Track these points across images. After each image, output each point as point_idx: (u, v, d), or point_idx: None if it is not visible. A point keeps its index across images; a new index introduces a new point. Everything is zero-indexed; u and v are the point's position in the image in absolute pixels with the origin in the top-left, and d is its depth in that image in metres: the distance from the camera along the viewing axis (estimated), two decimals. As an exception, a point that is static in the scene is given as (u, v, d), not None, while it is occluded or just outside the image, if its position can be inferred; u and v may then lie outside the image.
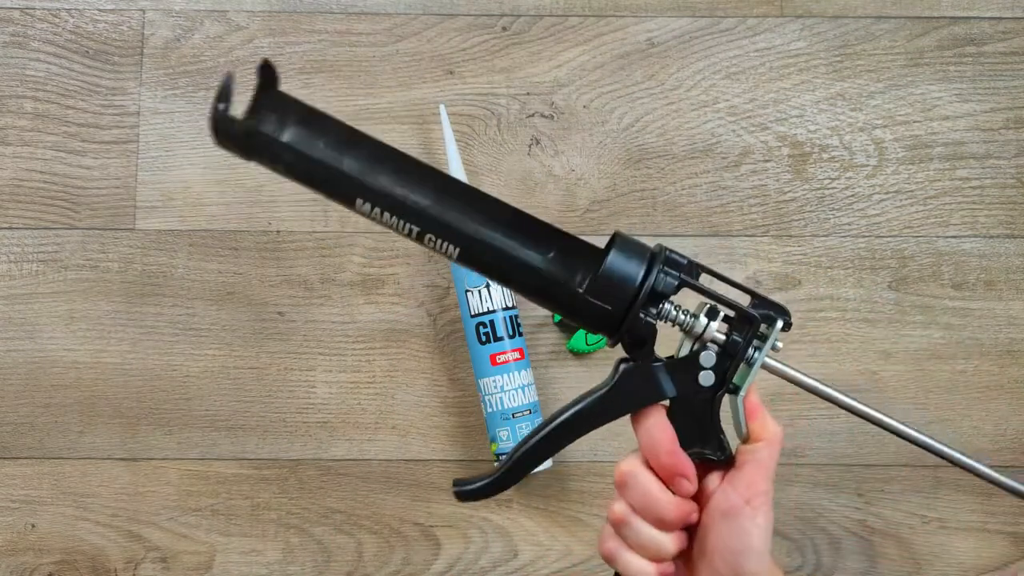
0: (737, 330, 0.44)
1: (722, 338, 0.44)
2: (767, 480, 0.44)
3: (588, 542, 0.76)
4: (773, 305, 0.44)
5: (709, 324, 0.44)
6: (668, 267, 0.42)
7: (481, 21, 0.80)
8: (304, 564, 0.76)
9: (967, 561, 0.76)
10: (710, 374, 0.44)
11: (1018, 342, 0.78)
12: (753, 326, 0.44)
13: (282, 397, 0.77)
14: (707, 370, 0.44)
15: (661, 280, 0.42)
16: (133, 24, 0.80)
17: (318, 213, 0.78)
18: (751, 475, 0.44)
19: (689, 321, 0.44)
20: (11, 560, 0.76)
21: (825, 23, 0.80)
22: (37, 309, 0.77)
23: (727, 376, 0.44)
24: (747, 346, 0.44)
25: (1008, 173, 0.79)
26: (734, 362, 0.44)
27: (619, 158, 0.79)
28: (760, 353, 0.44)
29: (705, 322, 0.44)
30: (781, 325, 0.43)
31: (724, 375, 0.44)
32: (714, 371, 0.44)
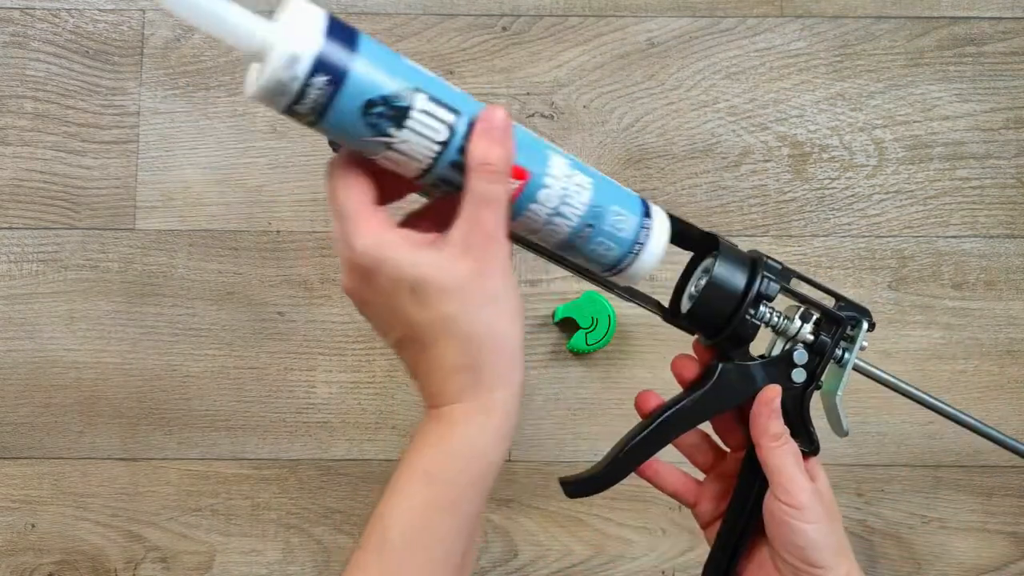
0: (824, 330, 0.47)
1: (811, 338, 0.47)
2: (806, 492, 0.46)
3: (588, 542, 0.76)
4: (856, 307, 0.47)
5: (802, 326, 0.47)
6: (767, 272, 0.45)
7: (481, 21, 0.80)
8: (304, 564, 0.76)
9: (967, 561, 0.76)
10: (802, 371, 0.47)
11: (1018, 342, 0.78)
12: (841, 327, 0.47)
13: (282, 397, 0.77)
14: (799, 368, 0.47)
15: (766, 285, 0.45)
16: (133, 24, 0.80)
17: (318, 213, 0.78)
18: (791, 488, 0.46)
19: (783, 323, 0.47)
20: (11, 560, 0.76)
21: (825, 23, 0.80)
22: (37, 309, 0.77)
23: (817, 373, 0.47)
24: (835, 346, 0.47)
25: (1008, 173, 0.79)
26: (823, 360, 0.47)
27: (619, 158, 0.79)
28: (851, 354, 0.47)
29: (799, 324, 0.47)
30: (867, 326, 0.47)
31: (814, 373, 0.47)
32: (805, 369, 0.47)
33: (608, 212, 0.41)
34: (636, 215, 0.43)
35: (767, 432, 0.46)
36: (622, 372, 0.77)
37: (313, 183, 0.78)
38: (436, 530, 0.38)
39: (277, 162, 0.79)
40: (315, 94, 0.34)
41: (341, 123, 0.35)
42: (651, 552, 0.76)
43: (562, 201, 0.40)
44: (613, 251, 0.43)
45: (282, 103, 0.34)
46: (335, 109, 0.34)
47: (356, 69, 0.34)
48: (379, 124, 0.35)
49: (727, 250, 0.46)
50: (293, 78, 0.33)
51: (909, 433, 0.77)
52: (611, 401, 0.77)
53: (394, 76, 0.35)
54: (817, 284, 0.48)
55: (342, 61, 0.34)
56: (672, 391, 0.49)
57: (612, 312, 0.75)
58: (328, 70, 0.33)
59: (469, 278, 0.37)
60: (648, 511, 0.76)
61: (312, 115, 0.35)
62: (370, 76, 0.35)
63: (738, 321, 0.45)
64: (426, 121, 0.36)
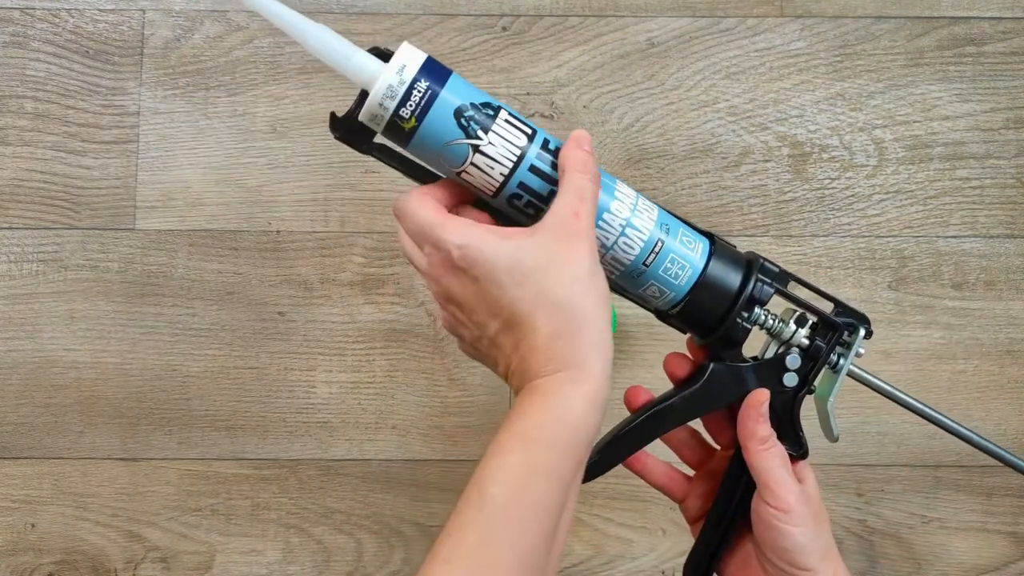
0: (820, 336, 0.47)
1: (806, 343, 0.46)
2: (797, 497, 0.45)
3: (588, 542, 0.76)
4: (854, 313, 0.47)
5: (797, 330, 0.46)
6: (762, 275, 0.45)
7: (481, 21, 0.80)
8: (304, 564, 0.76)
9: (967, 561, 0.76)
10: (794, 376, 0.47)
11: (1018, 342, 0.78)
12: (837, 333, 0.46)
13: (282, 397, 0.77)
14: (791, 372, 0.46)
15: (760, 288, 0.45)
16: (133, 24, 0.80)
17: (318, 213, 0.78)
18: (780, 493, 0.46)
19: (778, 326, 0.46)
20: (11, 560, 0.76)
21: (825, 23, 0.80)
22: (37, 309, 0.77)
23: (809, 378, 0.47)
24: (830, 351, 0.46)
25: (1008, 173, 0.79)
26: (817, 365, 0.46)
27: (619, 158, 0.79)
28: (846, 360, 0.47)
29: (794, 328, 0.46)
30: (864, 333, 0.46)
31: (806, 378, 0.47)
32: (797, 373, 0.46)
33: (676, 230, 0.44)
34: (703, 241, 0.45)
35: (754, 435, 0.46)
36: (622, 372, 0.77)
37: (313, 183, 0.78)
38: (533, 491, 0.38)
39: (277, 162, 0.79)
40: (417, 96, 0.40)
41: (437, 127, 0.40)
42: (651, 552, 0.76)
43: (633, 213, 0.43)
44: (686, 272, 0.44)
45: (391, 106, 0.40)
46: (434, 111, 0.40)
47: (450, 83, 0.41)
48: (470, 126, 0.41)
49: (723, 250, 0.45)
50: (401, 82, 0.40)
51: (909, 433, 0.77)
52: (611, 401, 0.77)
53: (480, 95, 0.42)
54: (816, 289, 0.48)
55: (439, 75, 0.41)
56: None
57: (612, 312, 0.75)
58: (429, 76, 0.40)
59: (560, 257, 0.40)
60: (648, 511, 0.76)
61: (414, 119, 0.40)
62: (461, 89, 0.41)
63: (729, 323, 0.45)
64: (508, 129, 0.41)
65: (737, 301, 0.44)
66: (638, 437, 0.47)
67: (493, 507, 0.38)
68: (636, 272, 0.44)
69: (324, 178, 0.78)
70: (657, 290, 0.45)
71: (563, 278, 0.40)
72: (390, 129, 0.41)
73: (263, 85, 0.79)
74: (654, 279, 0.44)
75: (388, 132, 0.41)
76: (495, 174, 0.42)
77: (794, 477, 0.46)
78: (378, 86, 0.40)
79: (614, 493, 0.76)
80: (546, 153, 0.42)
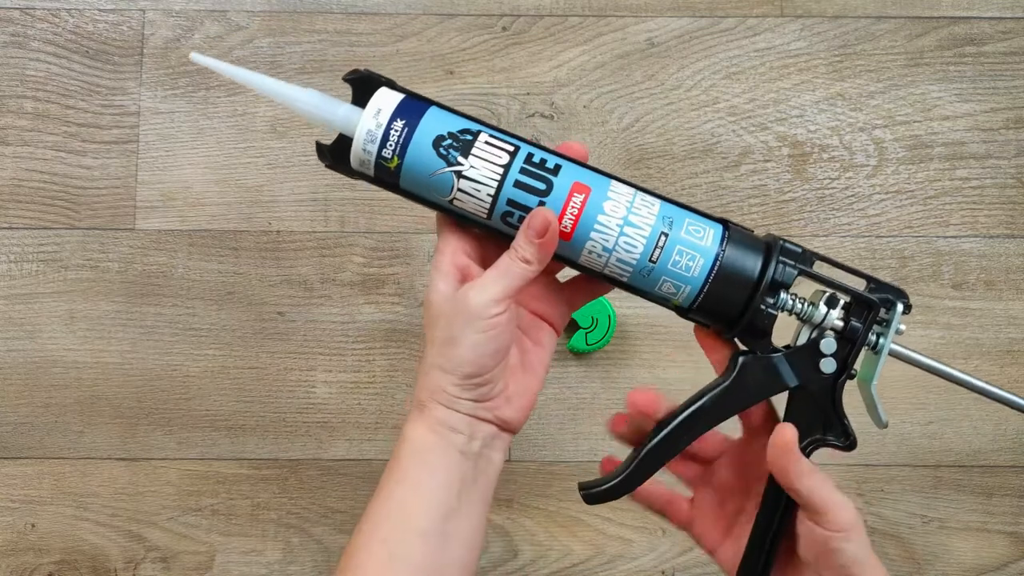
0: (855, 315, 0.43)
1: (841, 324, 0.43)
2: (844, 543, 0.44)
3: (588, 542, 0.76)
4: (891, 288, 0.44)
5: (829, 312, 0.43)
6: (784, 256, 0.42)
7: (481, 21, 0.80)
8: (304, 564, 0.76)
9: (967, 561, 0.76)
10: (831, 361, 0.44)
11: (1018, 342, 0.78)
12: (873, 311, 0.43)
13: (282, 397, 0.77)
14: (828, 357, 0.44)
15: (781, 271, 0.42)
16: (133, 24, 0.80)
17: (318, 213, 0.78)
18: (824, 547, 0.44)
19: (808, 310, 0.43)
20: (11, 560, 0.76)
21: (825, 23, 0.80)
22: (37, 309, 0.77)
23: (848, 362, 0.44)
24: (867, 331, 0.44)
25: (1008, 173, 0.79)
26: (855, 348, 0.43)
27: (619, 158, 0.79)
28: (886, 340, 0.43)
29: (825, 310, 0.43)
30: (901, 309, 0.43)
31: (845, 361, 0.44)
32: (835, 358, 0.44)
33: (681, 221, 0.42)
34: (715, 228, 0.43)
35: (789, 472, 0.43)
36: (622, 372, 0.77)
37: (313, 183, 0.78)
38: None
39: (277, 162, 0.79)
40: (395, 136, 0.42)
41: (419, 161, 0.42)
42: (651, 552, 0.76)
43: (630, 211, 0.42)
44: (697, 263, 0.42)
45: (373, 150, 0.42)
46: (412, 146, 0.42)
47: (427, 116, 0.43)
48: (449, 154, 0.42)
49: (738, 235, 0.43)
50: (378, 125, 0.42)
51: (909, 433, 0.77)
52: (611, 401, 0.77)
53: (458, 121, 0.43)
54: (845, 267, 0.45)
55: (415, 111, 0.43)
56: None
57: (612, 312, 0.75)
58: (405, 114, 0.42)
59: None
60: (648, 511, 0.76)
61: (396, 157, 0.42)
62: (438, 120, 0.43)
63: (753, 311, 0.42)
64: (488, 150, 0.42)
65: (759, 286, 0.42)
66: (671, 446, 0.44)
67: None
68: (645, 270, 0.43)
69: (324, 178, 0.78)
70: (672, 286, 0.43)
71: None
72: (379, 171, 0.43)
73: (263, 85, 0.79)
74: (665, 274, 0.42)
75: (378, 174, 0.43)
76: (482, 195, 0.42)
77: (840, 491, 0.44)
78: (358, 133, 0.42)
79: (614, 493, 0.76)
80: (530, 167, 0.42)
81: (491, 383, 0.44)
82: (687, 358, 0.77)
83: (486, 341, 0.43)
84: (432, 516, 0.44)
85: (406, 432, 0.45)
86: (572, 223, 0.42)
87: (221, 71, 0.44)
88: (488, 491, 0.46)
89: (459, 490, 0.44)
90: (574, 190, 0.42)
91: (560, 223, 0.42)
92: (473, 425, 0.45)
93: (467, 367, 0.43)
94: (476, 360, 0.43)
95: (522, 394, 0.46)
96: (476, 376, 0.44)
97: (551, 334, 0.48)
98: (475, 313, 0.42)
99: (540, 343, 0.48)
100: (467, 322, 0.42)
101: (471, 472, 0.45)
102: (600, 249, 0.42)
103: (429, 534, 0.44)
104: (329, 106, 0.44)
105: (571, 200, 0.42)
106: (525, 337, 0.48)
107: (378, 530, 0.45)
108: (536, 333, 0.48)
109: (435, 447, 0.44)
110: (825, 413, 0.45)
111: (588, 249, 0.43)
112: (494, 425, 0.45)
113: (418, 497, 0.44)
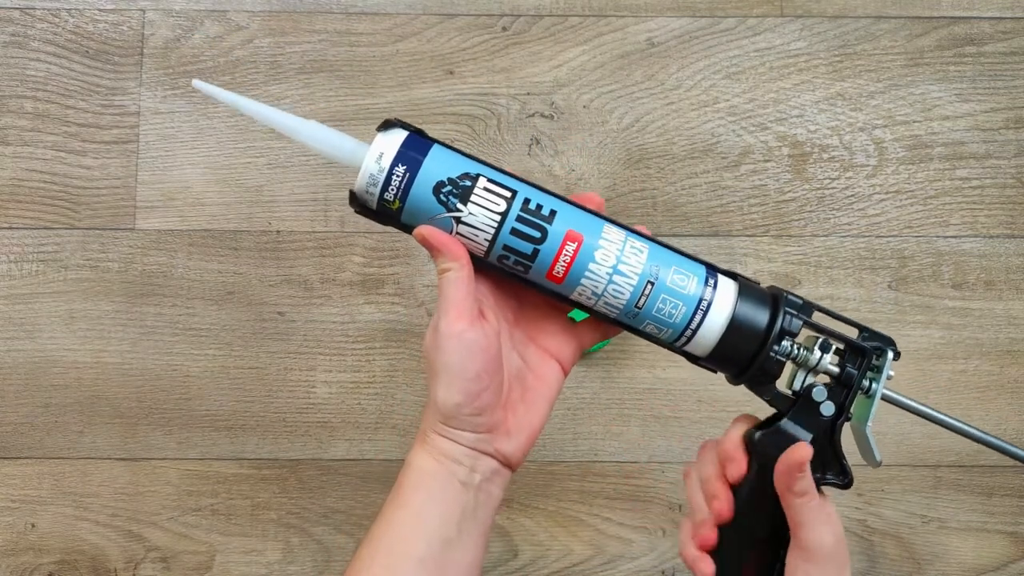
0: (850, 362, 0.47)
1: (836, 370, 0.47)
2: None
3: (588, 542, 0.76)
4: (880, 336, 0.47)
5: (823, 357, 0.46)
6: (788, 308, 0.46)
7: (481, 21, 0.80)
8: (304, 564, 0.76)
9: (967, 561, 0.76)
10: (829, 405, 0.47)
11: (1018, 342, 0.78)
12: (867, 357, 0.47)
13: (282, 397, 0.77)
14: (825, 402, 0.47)
15: (789, 321, 0.45)
16: (133, 24, 0.80)
17: (318, 213, 0.78)
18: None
19: (803, 355, 0.46)
20: (11, 560, 0.76)
21: (825, 23, 0.80)
22: (37, 309, 0.77)
23: (846, 405, 0.47)
24: (862, 377, 0.47)
25: (1008, 173, 0.79)
26: (852, 392, 0.47)
27: (619, 158, 0.79)
28: (879, 384, 0.47)
29: (819, 355, 0.46)
30: (892, 356, 0.47)
31: (842, 405, 0.47)
32: (832, 401, 0.47)
33: (667, 270, 0.45)
34: (698, 274, 0.45)
35: (792, 489, 0.45)
36: (622, 372, 0.77)
37: (313, 183, 0.78)
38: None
39: (277, 162, 0.79)
40: (397, 180, 0.43)
41: (419, 205, 0.44)
42: (651, 552, 0.76)
43: (619, 260, 0.44)
44: (679, 310, 0.45)
45: (375, 192, 0.44)
46: (414, 192, 0.43)
47: (428, 160, 0.44)
48: (449, 201, 0.43)
49: (747, 288, 0.46)
50: (380, 170, 0.43)
51: (909, 433, 0.77)
52: (611, 401, 0.77)
53: (459, 166, 0.44)
54: (839, 316, 0.48)
55: (416, 156, 0.44)
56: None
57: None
58: (407, 159, 0.43)
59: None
60: (648, 511, 0.76)
61: (398, 201, 0.44)
62: (439, 164, 0.44)
63: (763, 358, 0.45)
64: (487, 197, 0.44)
65: (769, 336, 0.45)
66: (743, 541, 0.47)
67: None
68: (631, 314, 0.45)
69: (324, 178, 0.78)
70: (655, 327, 0.46)
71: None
72: (380, 211, 0.44)
73: (263, 85, 0.79)
74: (649, 318, 0.45)
75: (379, 213, 0.45)
76: (480, 240, 0.44)
77: (831, 525, 0.45)
78: (360, 175, 0.44)
79: (614, 493, 0.76)
80: (526, 214, 0.44)
81: (484, 413, 0.45)
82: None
83: (460, 361, 0.44)
84: (431, 544, 0.44)
85: (410, 459, 0.46)
86: (564, 270, 0.44)
87: (224, 100, 0.44)
88: (487, 525, 0.47)
89: (459, 520, 0.45)
90: (567, 239, 0.44)
91: (553, 270, 0.44)
92: (475, 458, 0.45)
93: (455, 395, 0.44)
94: (461, 386, 0.44)
95: (523, 430, 0.47)
96: (466, 404, 0.44)
97: (557, 372, 0.48)
98: (443, 336, 0.44)
99: (544, 380, 0.48)
100: (441, 348, 0.44)
101: (471, 503, 0.46)
102: (589, 293, 0.45)
103: (427, 562, 0.44)
104: (333, 140, 0.44)
105: (564, 248, 0.44)
106: (529, 372, 0.48)
107: (377, 555, 0.45)
108: (541, 369, 0.48)
109: (437, 475, 0.45)
110: (824, 453, 0.47)
111: (578, 292, 0.45)
112: (496, 460, 0.46)
113: (418, 524, 0.45)
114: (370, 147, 0.44)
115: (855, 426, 0.49)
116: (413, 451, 0.46)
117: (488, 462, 0.46)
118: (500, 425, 0.46)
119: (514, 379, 0.47)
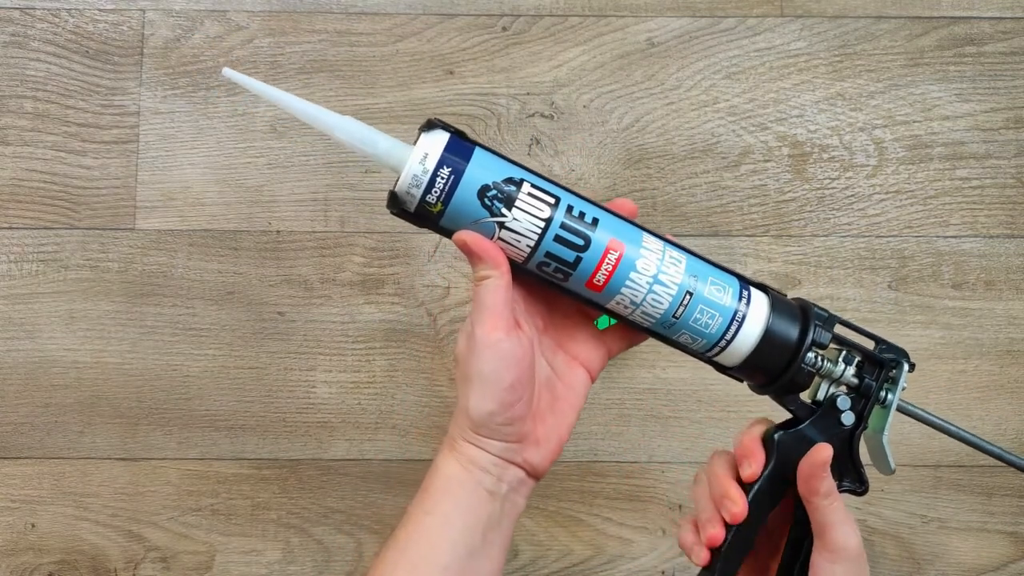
0: (867, 372, 0.48)
1: (856, 381, 0.48)
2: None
3: (588, 542, 0.76)
4: (895, 348, 0.49)
5: (846, 368, 0.48)
6: (816, 320, 0.47)
7: (481, 21, 0.80)
8: (304, 564, 0.76)
9: (967, 561, 0.76)
10: (850, 414, 0.48)
11: (1018, 342, 0.78)
12: (885, 369, 0.48)
13: (282, 397, 0.77)
14: (847, 411, 0.48)
15: (819, 333, 0.46)
16: (133, 24, 0.80)
17: (318, 213, 0.78)
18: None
19: (827, 367, 0.47)
20: (11, 560, 0.76)
21: (825, 23, 0.80)
22: (37, 309, 0.77)
23: (864, 415, 0.48)
24: (880, 387, 0.48)
25: (1008, 173, 0.79)
26: (870, 402, 0.48)
27: (619, 158, 0.79)
28: (894, 396, 0.48)
29: (843, 366, 0.48)
30: (907, 368, 0.48)
31: (861, 414, 0.48)
32: (852, 411, 0.48)
33: (704, 281, 0.45)
34: (733, 286, 0.46)
35: (818, 491, 0.46)
36: (622, 372, 0.77)
37: (313, 183, 0.78)
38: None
39: (277, 162, 0.79)
40: (441, 183, 0.42)
41: (463, 209, 0.43)
42: (651, 552, 0.76)
43: (659, 270, 0.44)
44: (716, 321, 0.45)
45: (417, 193, 0.42)
46: (458, 195, 0.42)
47: (472, 163, 0.43)
48: (494, 205, 0.43)
49: (778, 302, 0.47)
50: (424, 171, 0.42)
51: (909, 433, 0.77)
52: (611, 401, 0.77)
53: (503, 170, 0.43)
54: (857, 328, 0.49)
55: (460, 158, 0.42)
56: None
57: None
58: (451, 161, 0.42)
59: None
60: (648, 511, 0.76)
61: (440, 204, 0.42)
62: (483, 168, 0.43)
63: (794, 369, 0.46)
64: (532, 202, 0.43)
65: (801, 348, 0.46)
66: (744, 539, 0.48)
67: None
68: (667, 323, 0.45)
69: (324, 178, 0.78)
70: (689, 338, 0.46)
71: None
72: (419, 214, 0.43)
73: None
74: (685, 328, 0.45)
75: (419, 215, 0.43)
76: (522, 246, 0.43)
77: (852, 524, 0.46)
78: (403, 176, 0.42)
79: (614, 493, 0.76)
80: (571, 221, 0.43)
81: (515, 423, 0.45)
82: (687, 358, 0.77)
83: (496, 371, 0.43)
84: (456, 552, 0.44)
85: (438, 463, 0.46)
86: (605, 278, 0.44)
87: (256, 91, 0.42)
88: (509, 535, 0.47)
89: (484, 530, 0.45)
90: (609, 247, 0.44)
91: (593, 278, 0.44)
92: (502, 467, 0.45)
93: (489, 403, 0.44)
94: (495, 395, 0.44)
95: (551, 439, 0.47)
96: (499, 413, 0.44)
97: (585, 380, 0.48)
98: (479, 344, 0.43)
99: (573, 388, 0.48)
100: (477, 356, 0.43)
101: (497, 513, 0.45)
102: (628, 302, 0.45)
103: (451, 569, 0.44)
104: (369, 136, 0.43)
105: (606, 257, 0.44)
106: (558, 381, 0.48)
107: (402, 560, 0.45)
108: (570, 377, 0.48)
109: (465, 483, 0.45)
110: (842, 461, 0.49)
111: (617, 300, 0.45)
112: (522, 470, 0.46)
113: (444, 532, 0.45)
114: (414, 148, 0.42)
115: (869, 435, 0.50)
116: (441, 455, 0.46)
117: (515, 472, 0.46)
118: (529, 435, 0.46)
119: (543, 387, 0.47)
